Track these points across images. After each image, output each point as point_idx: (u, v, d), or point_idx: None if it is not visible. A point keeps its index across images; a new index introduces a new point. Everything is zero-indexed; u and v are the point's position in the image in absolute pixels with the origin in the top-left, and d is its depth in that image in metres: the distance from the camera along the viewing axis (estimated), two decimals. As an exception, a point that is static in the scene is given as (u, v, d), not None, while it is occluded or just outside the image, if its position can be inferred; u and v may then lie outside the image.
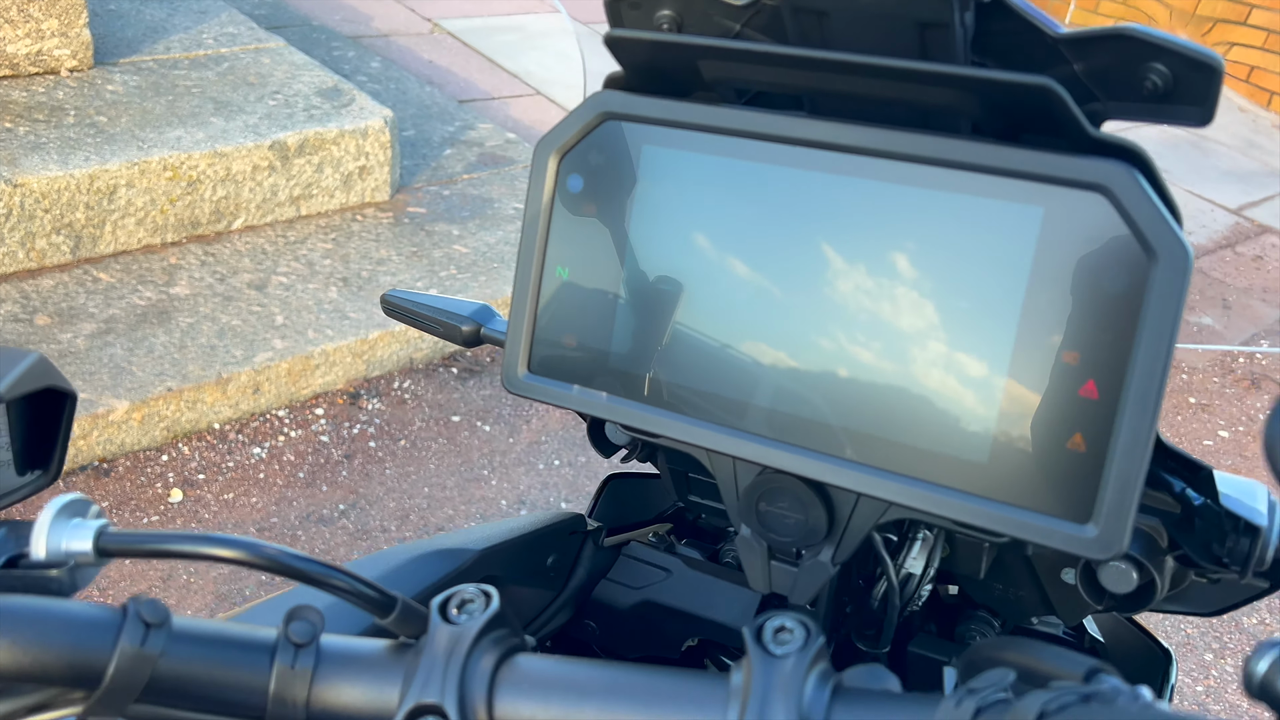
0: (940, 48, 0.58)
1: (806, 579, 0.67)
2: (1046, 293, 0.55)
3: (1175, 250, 0.52)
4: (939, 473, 0.59)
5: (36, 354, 0.57)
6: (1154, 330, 0.53)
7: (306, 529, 2.48)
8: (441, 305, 0.88)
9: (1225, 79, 0.58)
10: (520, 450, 2.82)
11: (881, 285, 0.60)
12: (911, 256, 0.59)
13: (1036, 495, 0.56)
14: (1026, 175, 0.55)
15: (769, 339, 0.63)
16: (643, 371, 0.66)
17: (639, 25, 0.69)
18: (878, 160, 0.59)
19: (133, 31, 3.61)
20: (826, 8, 0.58)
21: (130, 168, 2.89)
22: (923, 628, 0.85)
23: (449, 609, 0.52)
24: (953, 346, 0.58)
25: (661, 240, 0.65)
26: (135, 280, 2.89)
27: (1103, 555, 0.54)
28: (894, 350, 0.59)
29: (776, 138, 0.61)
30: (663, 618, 0.86)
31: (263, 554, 0.50)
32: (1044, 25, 0.59)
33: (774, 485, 0.65)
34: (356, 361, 2.89)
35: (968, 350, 0.58)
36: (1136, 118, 0.59)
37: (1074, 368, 0.55)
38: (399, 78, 4.44)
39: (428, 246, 3.30)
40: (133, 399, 2.51)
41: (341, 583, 0.51)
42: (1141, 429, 0.53)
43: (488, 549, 0.77)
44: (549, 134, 0.67)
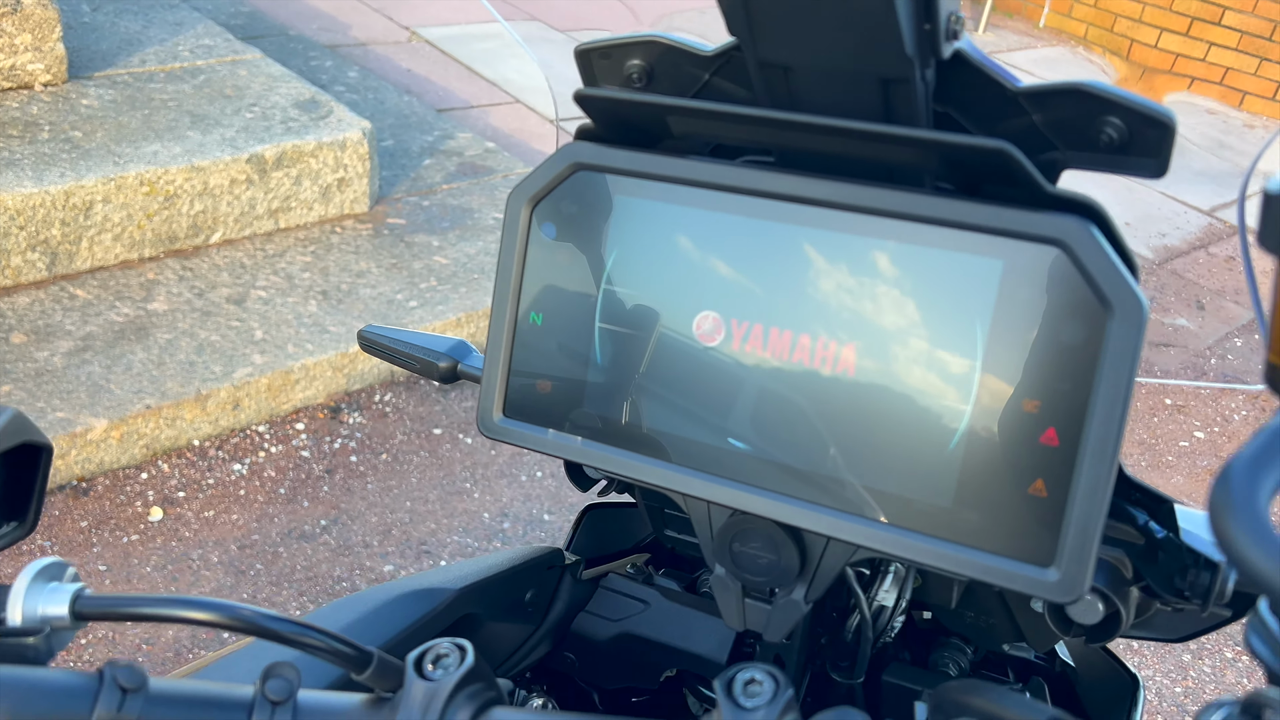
0: (903, 102, 0.59)
1: (780, 617, 0.68)
2: (1007, 343, 0.57)
3: (1130, 303, 0.53)
4: (906, 516, 0.60)
5: (12, 410, 0.58)
6: (1111, 380, 0.54)
7: (288, 545, 2.48)
8: (418, 341, 0.89)
9: (1197, 84, 0.60)
10: (503, 462, 2.83)
11: (851, 335, 0.61)
12: (876, 308, 0.60)
13: (999, 539, 0.58)
14: (987, 229, 0.56)
15: (738, 387, 0.64)
16: (617, 416, 0.67)
17: (610, 75, 0.71)
18: (843, 213, 0.60)
19: (107, 44, 3.59)
20: (791, 64, 0.59)
21: (106, 183, 2.88)
22: (897, 656, 0.87)
23: (424, 664, 0.53)
24: (917, 395, 0.59)
25: (633, 288, 0.66)
26: (113, 296, 2.88)
27: (1064, 599, 0.56)
28: (861, 398, 0.61)
29: (743, 190, 0.62)
30: (641, 649, 0.87)
31: (238, 615, 0.50)
32: (1003, 79, 0.60)
33: (747, 526, 0.67)
34: (337, 375, 2.89)
35: (932, 399, 0.59)
36: (1094, 168, 0.61)
37: (1034, 416, 0.57)
38: (377, 87, 4.43)
39: (408, 258, 3.30)
40: (111, 417, 2.50)
41: (317, 641, 0.51)
42: (1100, 475, 0.55)
43: (465, 588, 0.78)
44: (522, 183, 0.68)
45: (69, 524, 2.41)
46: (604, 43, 0.70)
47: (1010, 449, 0.57)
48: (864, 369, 0.60)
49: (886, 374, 0.60)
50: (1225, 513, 0.35)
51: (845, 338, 0.61)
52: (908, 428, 0.60)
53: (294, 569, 2.42)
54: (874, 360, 0.60)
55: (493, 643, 0.84)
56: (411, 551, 2.52)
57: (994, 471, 0.58)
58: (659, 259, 0.65)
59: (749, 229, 0.63)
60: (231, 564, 2.40)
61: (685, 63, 0.68)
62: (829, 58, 0.58)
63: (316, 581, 2.40)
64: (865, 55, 0.56)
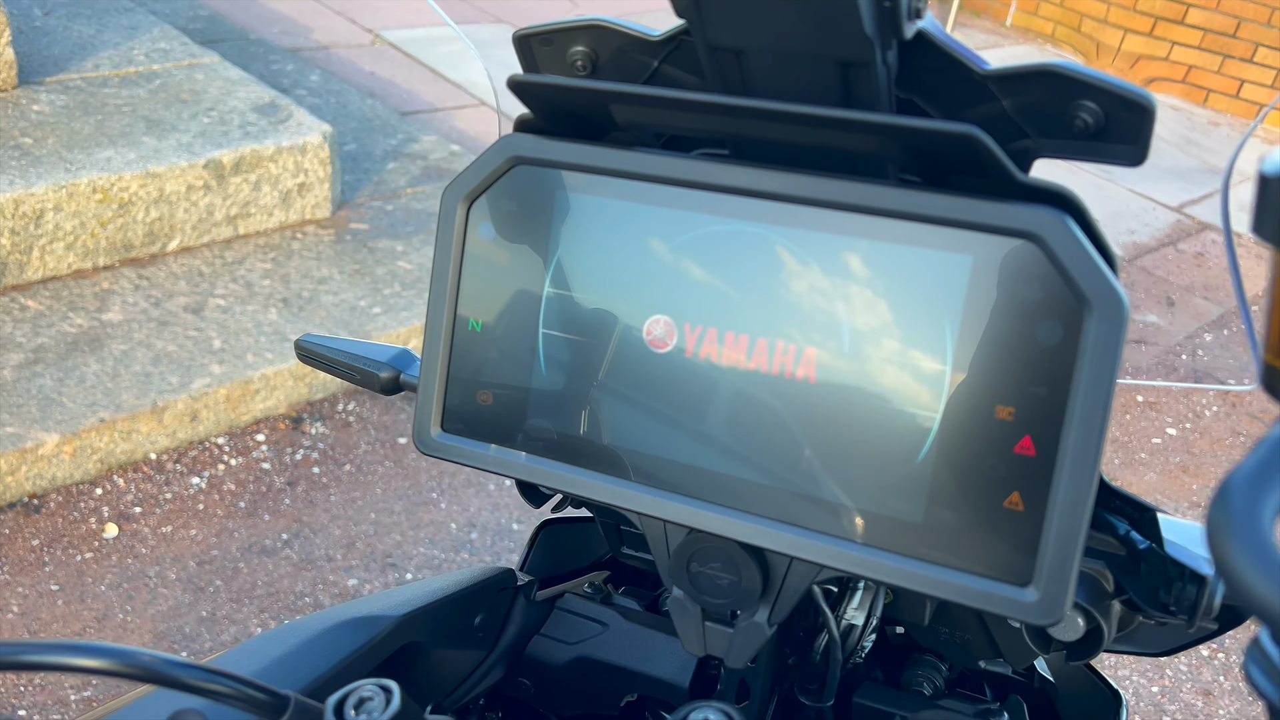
0: (864, 87, 0.55)
1: (743, 641, 0.64)
2: (978, 345, 0.53)
3: (1110, 299, 0.49)
4: (874, 534, 0.56)
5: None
6: (1091, 383, 0.50)
7: (249, 560, 2.41)
8: (358, 351, 0.84)
9: (1157, 82, 0.56)
10: (469, 472, 2.77)
11: (811, 339, 0.56)
12: (839, 309, 0.55)
13: (974, 557, 0.53)
14: (954, 223, 0.52)
15: (693, 396, 0.59)
16: (564, 429, 0.63)
17: (552, 62, 0.66)
18: (801, 208, 0.56)
19: (59, 49, 3.50)
20: (744, 46, 0.55)
21: (58, 190, 2.80)
22: (868, 675, 0.82)
23: (345, 709, 0.48)
24: (884, 404, 0.55)
25: (579, 291, 0.61)
26: (65, 307, 2.80)
27: (1044, 620, 0.52)
28: (824, 407, 0.56)
29: (695, 184, 0.58)
30: (600, 674, 0.83)
31: (136, 663, 0.45)
32: (970, 61, 0.56)
33: (706, 545, 0.62)
34: (299, 385, 2.82)
35: (899, 407, 0.55)
36: (1068, 156, 0.57)
37: (1009, 424, 0.52)
38: (339, 91, 4.36)
39: (371, 264, 3.23)
40: (63, 431, 2.42)
41: (226, 688, 0.46)
42: (1080, 487, 0.50)
43: (406, 615, 0.72)
44: (457, 179, 0.63)
45: (19, 543, 2.34)
46: (545, 28, 0.65)
47: (983, 459, 0.53)
48: (827, 375, 0.56)
49: (851, 380, 0.56)
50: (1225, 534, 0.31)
51: (806, 341, 0.56)
52: (874, 437, 0.55)
53: (255, 585, 2.35)
54: (837, 366, 0.56)
55: (439, 671, 0.79)
56: (376, 564, 2.46)
57: (966, 484, 0.53)
58: (606, 259, 0.60)
59: (702, 226, 0.58)
60: (190, 581, 2.33)
61: (632, 49, 0.64)
62: (783, 39, 0.53)
63: (278, 597, 2.33)
64: (822, 36, 0.52)
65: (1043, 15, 7.04)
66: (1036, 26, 7.10)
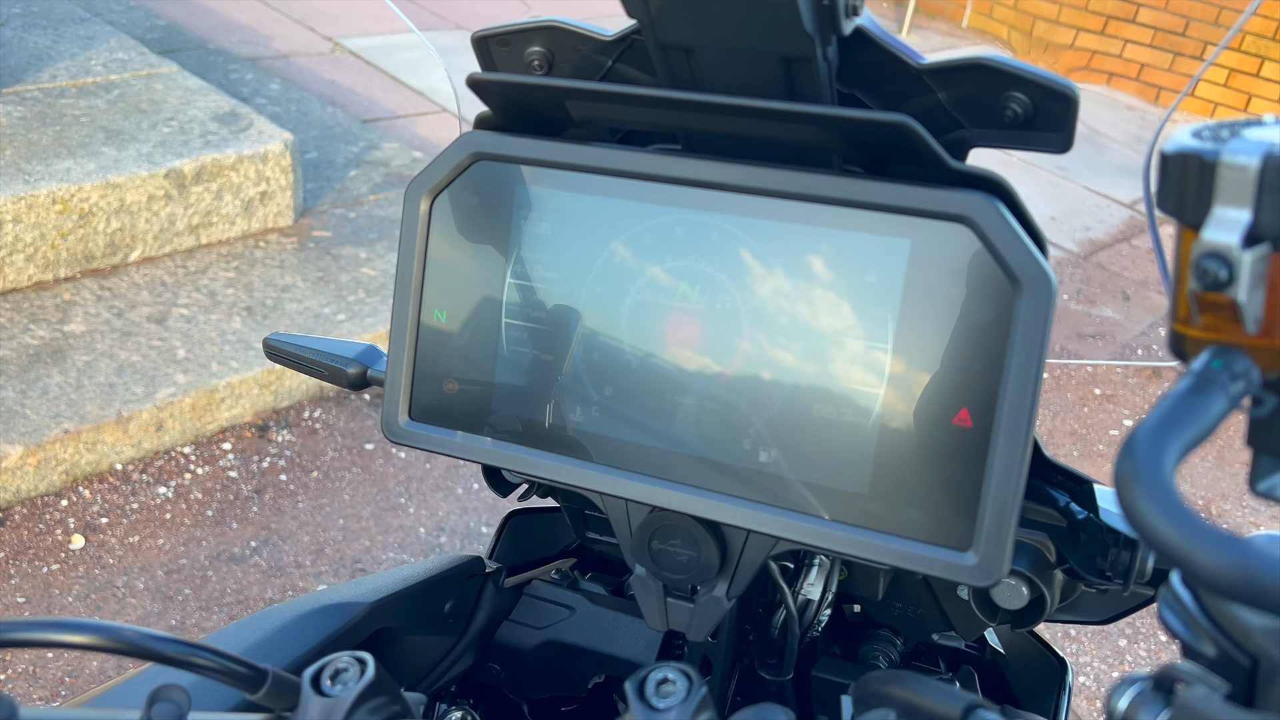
0: (806, 82, 0.58)
1: (702, 615, 0.67)
2: (917, 323, 0.56)
3: (1039, 278, 0.52)
4: (824, 506, 0.59)
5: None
6: (1022, 358, 0.53)
7: (217, 568, 2.41)
8: (324, 348, 0.86)
9: (1114, 79, 0.59)
10: (438, 476, 2.78)
11: (762, 322, 0.59)
12: (788, 292, 0.58)
13: (916, 525, 0.56)
14: (892, 209, 0.55)
15: (650, 379, 0.62)
16: (527, 416, 0.65)
17: (509, 62, 0.68)
18: (750, 197, 0.59)
19: (15, 60, 3.48)
20: (693, 44, 0.58)
21: (16, 202, 2.79)
22: (826, 650, 0.85)
23: (322, 680, 0.50)
24: (830, 380, 0.58)
25: (539, 282, 0.64)
26: (26, 319, 2.79)
27: (983, 582, 0.55)
28: (775, 386, 0.59)
29: (647, 176, 0.60)
30: (568, 656, 0.85)
31: (118, 637, 0.47)
32: (906, 56, 0.59)
33: (666, 524, 0.65)
34: (264, 393, 2.82)
35: (844, 384, 0.58)
36: (1001, 144, 0.60)
37: (947, 397, 0.55)
38: (300, 99, 4.36)
39: (334, 271, 3.24)
40: (27, 443, 2.41)
41: (206, 660, 0.48)
42: (1014, 456, 0.54)
43: (378, 601, 0.74)
44: (420, 175, 0.65)
45: (-16, 556, 2.32)
46: (502, 29, 0.67)
47: (924, 432, 0.56)
48: (776, 355, 0.59)
49: (798, 361, 0.58)
50: (1131, 484, 0.34)
51: (756, 324, 0.59)
52: (821, 414, 0.58)
53: (224, 592, 2.35)
54: (786, 347, 0.59)
55: (412, 657, 0.81)
56: (345, 570, 2.46)
57: (909, 456, 0.56)
58: (564, 251, 0.63)
59: (656, 216, 0.61)
60: (158, 590, 2.33)
61: (587, 48, 0.66)
62: (729, 37, 0.56)
63: (247, 605, 2.33)
64: (765, 33, 0.55)
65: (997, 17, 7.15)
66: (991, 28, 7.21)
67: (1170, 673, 0.37)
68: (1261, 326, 0.37)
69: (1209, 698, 0.35)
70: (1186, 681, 0.37)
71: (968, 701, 0.47)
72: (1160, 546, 0.32)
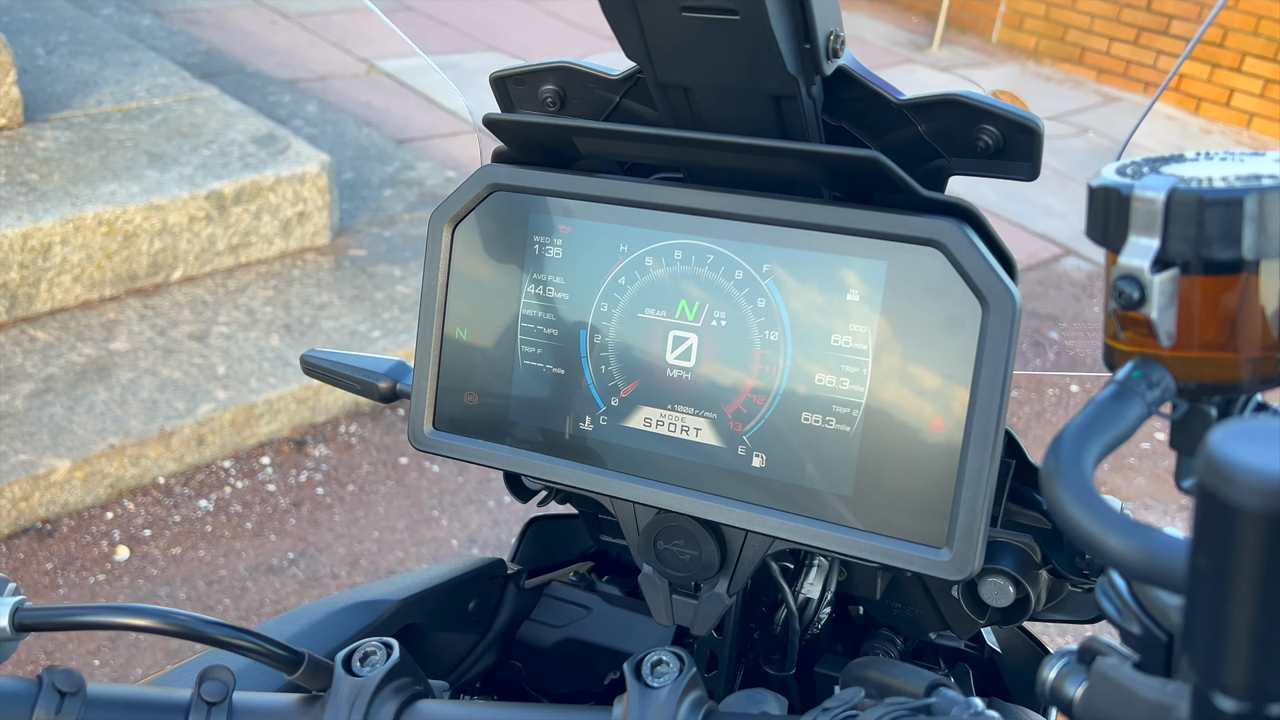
0: (794, 118, 0.63)
1: (706, 610, 0.72)
2: (895, 338, 0.61)
3: (1004, 297, 0.57)
4: (814, 507, 0.64)
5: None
6: (990, 369, 0.58)
7: (256, 579, 2.48)
8: (358, 363, 0.92)
9: (1150, 89, 0.64)
10: (470, 489, 2.84)
11: (754, 338, 0.64)
12: (777, 310, 0.64)
13: (896, 524, 0.61)
14: (871, 234, 0.60)
15: (652, 391, 0.67)
16: (542, 424, 0.70)
17: (525, 100, 0.74)
18: (742, 223, 0.64)
19: (63, 87, 3.60)
20: (689, 84, 0.63)
21: (64, 224, 2.89)
22: (829, 648, 0.90)
23: (353, 662, 0.55)
24: (816, 391, 0.63)
25: (551, 301, 0.69)
26: (73, 337, 2.89)
27: (958, 576, 0.59)
28: (766, 396, 0.64)
29: (649, 204, 0.66)
30: (585, 654, 0.90)
31: (173, 620, 0.53)
32: (886, 92, 0.64)
33: (670, 525, 0.70)
34: (301, 408, 2.90)
35: (829, 394, 0.63)
36: (976, 173, 0.65)
37: (923, 407, 0.60)
38: (336, 120, 4.46)
39: (370, 289, 3.32)
40: (74, 458, 2.50)
41: (249, 643, 0.54)
42: (984, 459, 0.58)
43: (407, 599, 0.80)
44: (442, 205, 0.71)
45: (34, 567, 2.41)
46: (518, 70, 0.73)
47: (902, 438, 0.61)
48: (766, 370, 0.64)
49: (787, 373, 0.64)
50: (1054, 479, 0.38)
51: (749, 341, 0.64)
52: (809, 423, 0.63)
53: (262, 603, 2.42)
54: (775, 361, 0.64)
55: (438, 652, 0.86)
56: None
57: (889, 460, 0.61)
58: (574, 272, 0.68)
59: (656, 241, 0.66)
60: (199, 600, 2.41)
61: (596, 86, 0.72)
62: (722, 77, 0.61)
63: (285, 613, 2.40)
64: (753, 74, 0.60)
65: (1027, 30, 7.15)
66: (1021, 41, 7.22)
67: (1091, 645, 0.42)
68: (1174, 340, 0.41)
69: (1119, 666, 0.40)
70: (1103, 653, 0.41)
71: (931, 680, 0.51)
72: (1076, 534, 0.36)
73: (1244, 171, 0.40)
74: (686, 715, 0.51)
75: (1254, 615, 0.29)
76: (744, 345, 0.65)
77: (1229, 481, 0.27)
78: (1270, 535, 0.28)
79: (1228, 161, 0.42)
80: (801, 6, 0.56)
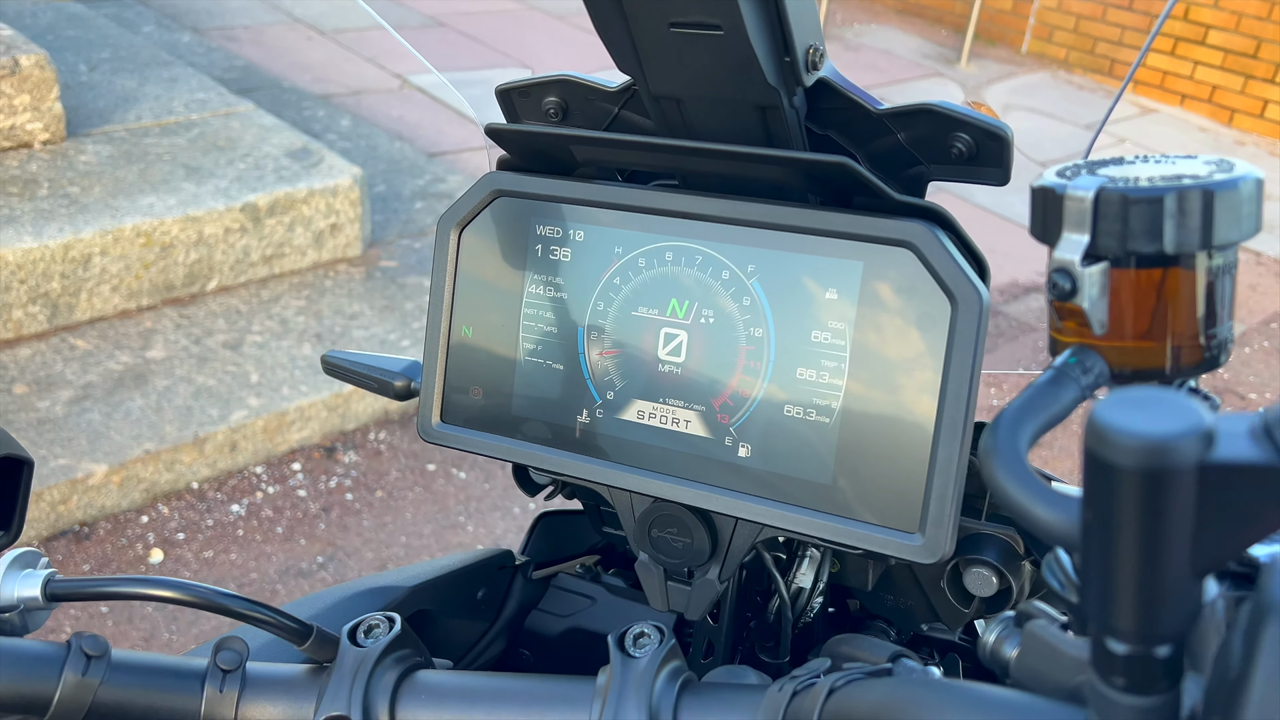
0: (778, 127, 0.66)
1: (699, 596, 0.75)
2: (871, 334, 0.64)
3: (971, 296, 0.60)
4: (795, 495, 0.67)
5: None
6: (959, 365, 0.61)
7: (286, 582, 2.54)
8: (375, 363, 0.96)
9: (1187, 101, 0.67)
10: (496, 495, 2.89)
11: (740, 335, 0.68)
12: (761, 308, 0.67)
13: (873, 510, 0.65)
14: (847, 235, 0.64)
15: (645, 384, 0.71)
16: (542, 417, 0.74)
17: (529, 111, 0.78)
18: (728, 226, 0.68)
19: (104, 102, 3.71)
20: (681, 95, 0.67)
21: (104, 236, 2.98)
22: (824, 638, 0.93)
23: (357, 634, 0.59)
24: (797, 385, 0.66)
25: (551, 300, 0.73)
26: (111, 346, 2.97)
27: (929, 559, 0.62)
28: (751, 389, 0.68)
29: (643, 209, 0.70)
30: (590, 642, 0.94)
31: (194, 592, 0.57)
32: (865, 102, 0.68)
33: (664, 513, 0.73)
34: (332, 416, 2.96)
35: (810, 387, 0.66)
36: (952, 179, 0.68)
37: (896, 399, 0.64)
38: (369, 134, 4.55)
39: (400, 299, 3.38)
40: (111, 462, 2.57)
41: (263, 615, 0.58)
42: (953, 450, 0.61)
43: (418, 585, 0.84)
44: (449, 210, 0.75)
45: (71, 568, 2.48)
46: (522, 82, 0.77)
47: (878, 429, 0.64)
48: (751, 364, 0.68)
49: (773, 368, 0.67)
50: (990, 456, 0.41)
51: (736, 337, 0.68)
52: (791, 414, 0.67)
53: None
54: (760, 355, 0.67)
55: (448, 639, 0.90)
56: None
57: (866, 450, 0.65)
58: (573, 273, 0.72)
59: (649, 243, 0.70)
60: (230, 601, 2.46)
61: (596, 98, 0.76)
62: (709, 89, 0.65)
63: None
64: (738, 85, 0.64)
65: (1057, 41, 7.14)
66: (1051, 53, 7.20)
67: (1025, 610, 0.45)
68: (1107, 329, 0.44)
69: (1048, 626, 0.43)
70: (1035, 615, 0.44)
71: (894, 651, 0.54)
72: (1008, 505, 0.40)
73: (1170, 172, 0.43)
74: (664, 683, 0.54)
75: (1136, 564, 0.32)
76: (730, 341, 0.68)
77: (1108, 444, 0.31)
78: (1145, 490, 0.31)
79: (1160, 164, 0.45)
80: (780, 22, 0.60)
